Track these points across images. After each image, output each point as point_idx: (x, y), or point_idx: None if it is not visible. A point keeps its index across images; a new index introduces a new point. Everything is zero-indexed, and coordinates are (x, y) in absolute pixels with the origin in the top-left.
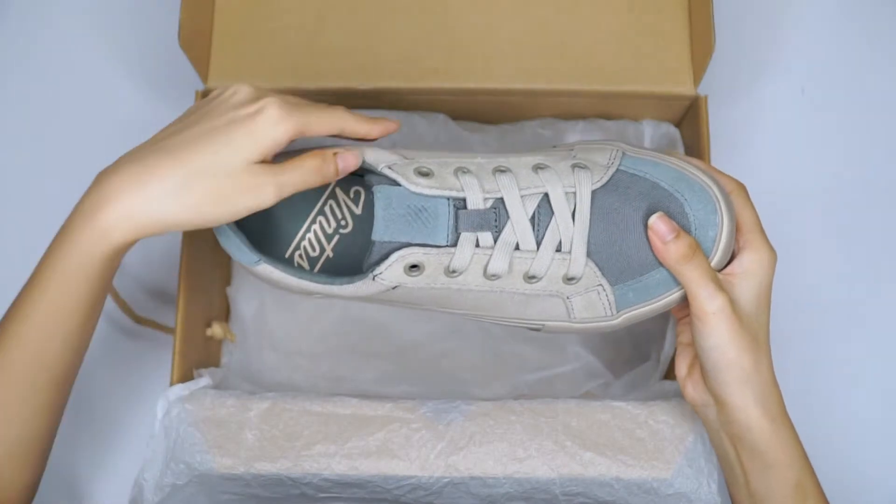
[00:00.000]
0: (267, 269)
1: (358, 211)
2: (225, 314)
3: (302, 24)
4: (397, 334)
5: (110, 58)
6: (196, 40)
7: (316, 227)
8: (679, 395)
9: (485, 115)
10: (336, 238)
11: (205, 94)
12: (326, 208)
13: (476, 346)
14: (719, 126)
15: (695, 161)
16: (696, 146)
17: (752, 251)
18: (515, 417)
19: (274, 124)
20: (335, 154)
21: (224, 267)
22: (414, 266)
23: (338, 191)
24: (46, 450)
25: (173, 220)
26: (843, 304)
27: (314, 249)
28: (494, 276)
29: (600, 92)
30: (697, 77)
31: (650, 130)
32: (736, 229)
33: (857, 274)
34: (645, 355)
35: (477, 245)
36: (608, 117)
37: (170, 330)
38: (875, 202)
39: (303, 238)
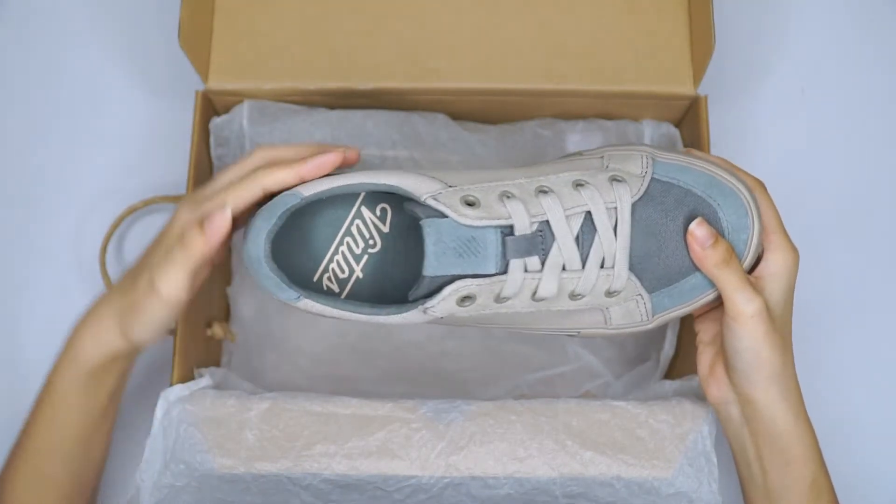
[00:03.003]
0: (308, 303)
1: (385, 229)
2: (225, 314)
3: (302, 24)
4: (397, 334)
5: (110, 58)
6: (196, 40)
7: (343, 248)
8: (679, 395)
9: (485, 115)
10: (365, 258)
11: (205, 94)
12: (353, 228)
13: (476, 346)
14: (719, 126)
15: (716, 159)
16: (696, 146)
17: (778, 252)
18: (516, 417)
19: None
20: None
21: (224, 267)
22: (466, 297)
23: (364, 210)
24: None
25: (117, 347)
26: (844, 302)
27: (343, 271)
28: (542, 300)
29: (600, 92)
30: (697, 77)
31: (650, 130)
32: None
33: (859, 273)
34: (645, 355)
35: (525, 270)
36: (608, 117)
37: (170, 330)
38: (875, 202)
39: (331, 261)
